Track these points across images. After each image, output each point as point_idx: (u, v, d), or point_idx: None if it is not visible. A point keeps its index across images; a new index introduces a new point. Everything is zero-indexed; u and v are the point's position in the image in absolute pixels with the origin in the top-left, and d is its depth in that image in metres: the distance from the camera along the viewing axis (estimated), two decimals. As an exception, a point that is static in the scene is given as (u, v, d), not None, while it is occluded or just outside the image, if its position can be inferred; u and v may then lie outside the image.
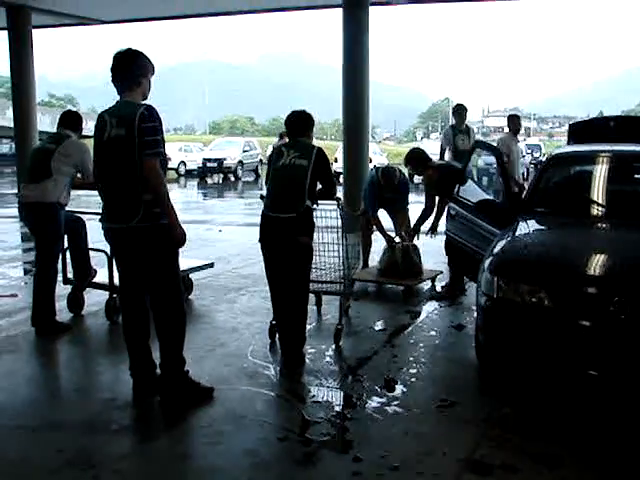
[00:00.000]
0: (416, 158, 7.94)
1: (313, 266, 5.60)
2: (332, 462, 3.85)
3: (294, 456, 3.92)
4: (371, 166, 10.13)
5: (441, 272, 8.03)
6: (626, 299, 4.26)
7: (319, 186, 5.34)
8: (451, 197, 7.03)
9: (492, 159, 6.94)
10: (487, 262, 4.87)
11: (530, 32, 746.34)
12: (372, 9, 12.60)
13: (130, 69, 4.43)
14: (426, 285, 7.88)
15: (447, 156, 10.12)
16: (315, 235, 5.48)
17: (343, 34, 12.34)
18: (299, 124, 5.47)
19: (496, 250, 5.03)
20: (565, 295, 4.39)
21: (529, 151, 33.25)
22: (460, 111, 10.29)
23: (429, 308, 7.08)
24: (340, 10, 12.42)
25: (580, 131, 7.77)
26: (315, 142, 5.65)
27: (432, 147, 24.83)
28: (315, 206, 5.37)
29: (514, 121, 10.00)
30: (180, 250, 4.55)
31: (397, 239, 7.98)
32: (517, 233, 5.27)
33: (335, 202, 5.56)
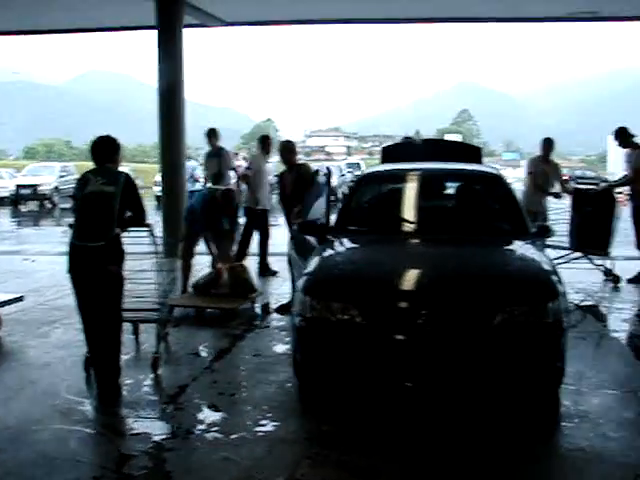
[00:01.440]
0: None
1: (127, 294, 5.44)
2: (150, 497, 3.75)
3: (110, 494, 3.78)
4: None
5: (261, 293, 8.07)
6: (432, 312, 4.47)
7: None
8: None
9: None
10: (300, 282, 4.94)
11: (351, 53, 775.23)
12: (187, 30, 12.60)
13: None
14: (246, 307, 7.87)
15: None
16: (128, 262, 5.33)
17: (158, 55, 12.21)
18: (104, 150, 5.33)
19: (308, 270, 5.12)
20: (375, 311, 4.54)
21: (349, 170, 34.25)
22: (209, 135, 10.60)
23: (250, 331, 7.08)
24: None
25: (392, 152, 8.13)
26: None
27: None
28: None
29: (266, 142, 10.41)
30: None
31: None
32: (329, 252, 5.40)
33: (147, 229, 5.44)
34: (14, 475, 3.96)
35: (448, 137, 46.18)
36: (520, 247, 5.48)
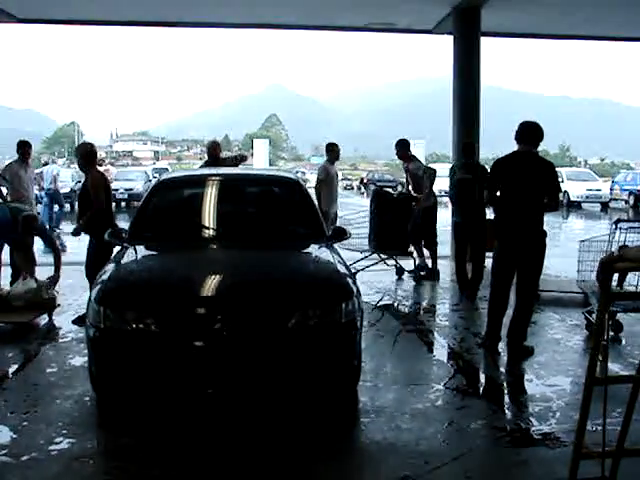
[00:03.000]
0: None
1: None
2: None
3: None
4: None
5: (59, 305, 7.70)
6: (228, 317, 4.48)
7: None
8: None
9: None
10: (93, 292, 4.78)
11: (158, 55, 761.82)
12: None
13: None
14: (43, 320, 7.50)
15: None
16: None
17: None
18: None
19: (102, 279, 4.96)
20: (170, 318, 4.49)
21: (156, 175, 33.61)
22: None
23: (46, 344, 6.71)
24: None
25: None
26: None
27: (63, 174, 24.06)
28: None
29: (23, 149, 10.28)
30: None
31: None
32: (124, 260, 5.27)
33: None
34: None
35: (257, 142, 46.69)
36: (316, 250, 5.62)
